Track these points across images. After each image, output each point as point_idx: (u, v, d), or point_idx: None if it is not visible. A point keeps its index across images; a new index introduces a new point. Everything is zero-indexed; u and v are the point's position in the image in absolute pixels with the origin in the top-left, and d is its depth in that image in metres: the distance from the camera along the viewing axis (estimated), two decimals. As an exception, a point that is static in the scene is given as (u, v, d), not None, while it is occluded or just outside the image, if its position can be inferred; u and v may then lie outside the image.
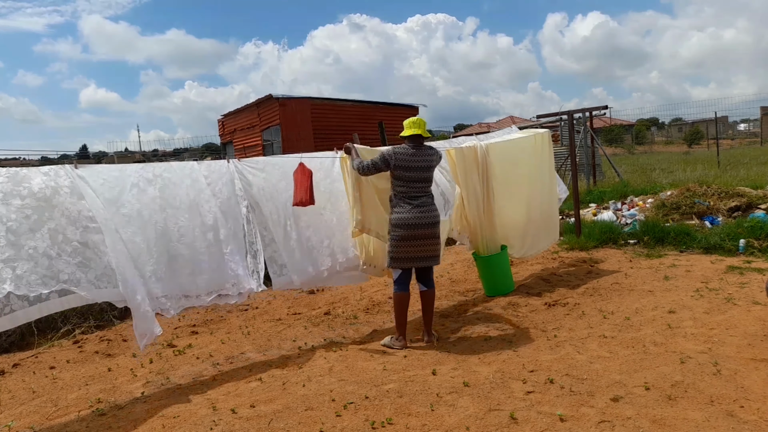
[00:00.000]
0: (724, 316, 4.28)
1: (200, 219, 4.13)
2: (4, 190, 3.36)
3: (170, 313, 3.89)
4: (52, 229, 3.45)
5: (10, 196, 3.37)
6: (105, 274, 3.56)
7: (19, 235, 3.31)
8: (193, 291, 4.03)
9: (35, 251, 3.35)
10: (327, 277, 4.87)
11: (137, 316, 3.60)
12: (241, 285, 4.21)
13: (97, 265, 3.57)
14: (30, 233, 3.35)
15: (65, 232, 3.50)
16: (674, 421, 2.78)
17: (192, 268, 4.02)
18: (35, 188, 3.46)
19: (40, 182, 3.51)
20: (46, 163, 47.68)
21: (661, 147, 38.82)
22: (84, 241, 3.56)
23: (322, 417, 3.12)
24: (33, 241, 3.35)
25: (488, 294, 5.49)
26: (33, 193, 3.44)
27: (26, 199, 3.41)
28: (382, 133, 10.89)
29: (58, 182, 3.58)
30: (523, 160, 6.04)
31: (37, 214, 3.41)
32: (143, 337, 3.62)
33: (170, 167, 4.16)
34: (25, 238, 3.33)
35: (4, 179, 3.39)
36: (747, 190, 8.21)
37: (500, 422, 2.90)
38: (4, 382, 4.21)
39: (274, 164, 4.73)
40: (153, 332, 3.66)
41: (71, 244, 3.50)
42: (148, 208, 3.91)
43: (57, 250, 3.43)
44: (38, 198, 3.45)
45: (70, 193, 3.59)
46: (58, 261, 3.41)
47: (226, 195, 4.33)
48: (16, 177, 3.45)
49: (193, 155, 54.29)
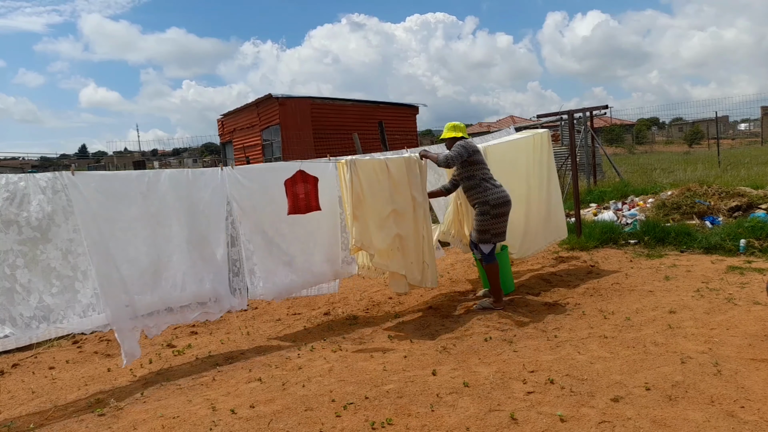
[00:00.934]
0: (725, 316, 4.27)
1: (187, 235, 4.26)
2: (3, 214, 3.51)
3: (152, 333, 4.10)
4: (46, 267, 3.66)
5: (8, 225, 3.53)
6: (91, 303, 3.81)
7: (15, 269, 3.54)
8: (176, 304, 4.19)
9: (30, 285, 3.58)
10: (299, 290, 5.05)
11: (122, 339, 3.85)
12: (221, 303, 4.42)
13: (84, 295, 3.79)
14: (25, 269, 3.57)
15: (58, 267, 3.71)
16: (674, 421, 2.77)
17: (175, 283, 4.17)
18: (32, 218, 3.61)
19: (38, 207, 3.64)
20: (46, 163, 47.57)
21: (662, 147, 38.80)
22: (74, 273, 3.77)
23: (321, 417, 3.11)
24: (26, 277, 3.57)
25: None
26: (29, 222, 3.60)
27: (23, 232, 3.58)
28: (382, 132, 10.89)
29: (56, 204, 3.71)
30: (521, 160, 6.05)
31: (32, 252, 3.61)
32: (128, 356, 3.89)
33: (165, 179, 4.22)
34: (20, 274, 3.55)
35: (3, 201, 3.52)
36: (747, 190, 8.20)
37: (500, 422, 2.90)
38: (4, 382, 4.20)
39: (268, 174, 4.80)
40: (134, 354, 3.93)
41: (62, 280, 3.72)
42: (140, 222, 4.04)
43: (49, 288, 3.66)
44: (34, 228, 3.61)
45: (64, 219, 3.74)
46: (48, 297, 3.64)
47: (215, 211, 4.45)
48: (15, 197, 3.58)
49: (192, 155, 54.12)
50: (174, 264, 4.19)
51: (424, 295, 5.71)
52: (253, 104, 22.57)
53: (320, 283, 5.22)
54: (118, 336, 3.85)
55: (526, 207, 5.97)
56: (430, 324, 4.77)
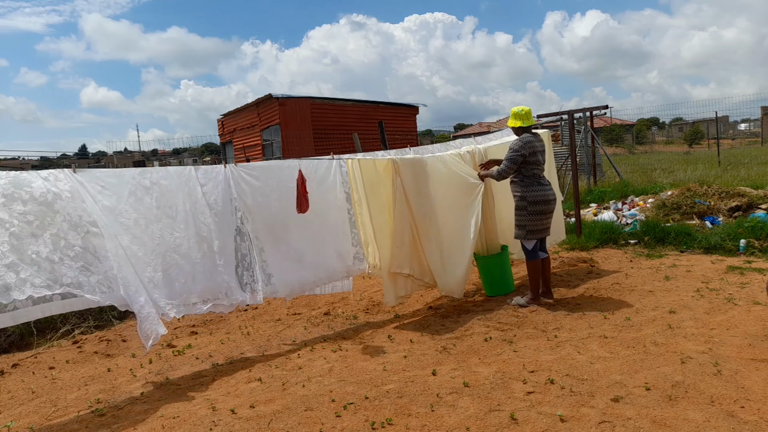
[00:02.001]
0: (725, 316, 4.27)
1: (195, 230, 4.21)
2: (6, 193, 3.39)
3: (170, 316, 3.95)
4: (54, 234, 3.51)
5: (12, 200, 3.40)
6: (107, 278, 3.64)
7: (22, 239, 3.37)
8: (188, 299, 4.12)
9: (38, 255, 3.41)
10: (312, 287, 5.01)
11: (141, 318, 3.67)
12: (233, 296, 4.35)
13: (98, 269, 3.64)
14: (32, 238, 3.41)
15: (67, 237, 3.56)
16: (674, 421, 2.77)
17: (186, 278, 4.11)
18: (36, 193, 3.50)
19: (41, 186, 3.54)
20: (46, 163, 47.53)
21: (662, 147, 38.80)
22: (85, 246, 3.63)
23: (321, 417, 3.11)
24: (35, 246, 3.41)
25: (489, 294, 5.49)
26: (34, 197, 3.48)
27: (28, 204, 3.45)
28: (382, 132, 10.88)
29: (59, 186, 3.62)
30: None
31: (39, 220, 3.47)
32: (148, 338, 3.67)
33: (167, 174, 4.19)
34: (27, 242, 3.38)
35: (5, 182, 3.41)
36: (748, 190, 8.20)
37: (500, 422, 2.90)
38: (4, 382, 4.20)
39: (271, 171, 4.78)
40: (158, 332, 3.69)
41: (73, 249, 3.56)
42: (145, 217, 3.97)
43: (59, 254, 3.49)
44: (40, 202, 3.49)
45: (71, 197, 3.63)
46: (61, 265, 3.47)
47: (221, 206, 4.39)
48: (17, 180, 3.48)
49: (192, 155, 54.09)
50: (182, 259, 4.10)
51: (424, 296, 5.71)
52: (253, 104, 22.58)
53: (333, 280, 5.17)
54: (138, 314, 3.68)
55: None
56: (430, 324, 4.77)
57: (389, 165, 4.83)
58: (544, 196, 4.87)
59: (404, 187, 4.86)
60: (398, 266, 4.88)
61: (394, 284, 4.91)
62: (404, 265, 4.92)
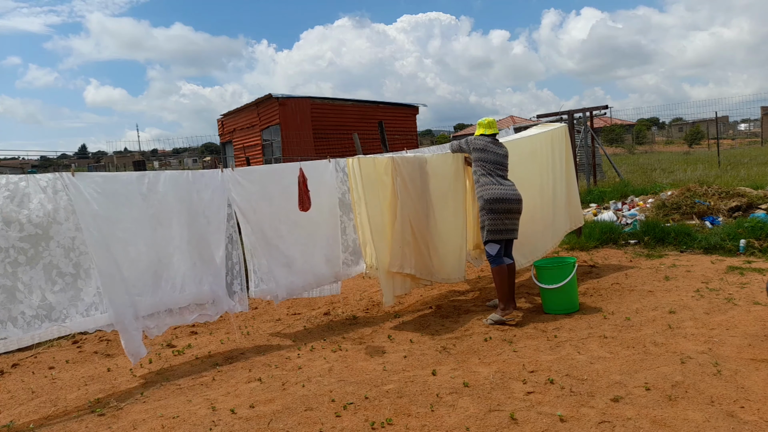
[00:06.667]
0: (725, 316, 4.27)
1: (188, 237, 4.26)
2: (4, 212, 3.51)
3: (153, 334, 4.10)
4: (47, 264, 3.66)
5: (9, 223, 3.52)
6: (94, 302, 3.82)
7: (17, 267, 3.53)
8: (176, 306, 4.21)
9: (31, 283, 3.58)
10: (300, 291, 5.06)
11: (125, 338, 3.84)
12: (220, 305, 4.44)
13: (87, 293, 3.80)
14: (27, 266, 3.58)
15: (59, 266, 3.71)
16: (674, 421, 2.77)
17: (174, 285, 4.18)
18: (33, 215, 3.60)
19: (38, 204, 3.63)
20: (46, 163, 47.39)
21: (662, 147, 38.83)
22: (76, 272, 3.78)
23: (321, 417, 3.11)
24: (28, 275, 3.58)
25: (546, 311, 4.90)
26: (31, 220, 3.59)
27: (24, 229, 3.58)
28: (382, 132, 10.88)
29: (57, 202, 3.71)
30: (519, 163, 5.95)
31: (34, 249, 3.61)
32: (132, 356, 3.89)
33: (165, 179, 4.23)
34: (21, 271, 3.55)
35: (4, 200, 3.52)
36: (747, 190, 8.20)
37: (500, 423, 2.90)
38: (3, 382, 4.20)
39: (268, 176, 4.82)
40: (139, 353, 3.90)
41: (64, 278, 3.73)
42: (141, 224, 4.04)
43: (51, 285, 3.67)
44: (36, 225, 3.61)
45: (65, 217, 3.74)
46: (50, 295, 3.65)
47: (215, 213, 4.45)
48: (16, 196, 3.58)
49: (192, 155, 53.98)
50: (174, 266, 4.20)
51: (424, 295, 5.71)
52: (253, 104, 22.56)
53: (322, 284, 5.23)
54: (122, 336, 3.85)
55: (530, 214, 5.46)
56: (430, 324, 4.78)
57: (389, 164, 4.83)
58: (502, 194, 4.74)
59: (405, 186, 4.87)
60: (399, 266, 4.87)
61: (391, 284, 4.91)
62: (405, 265, 4.92)
